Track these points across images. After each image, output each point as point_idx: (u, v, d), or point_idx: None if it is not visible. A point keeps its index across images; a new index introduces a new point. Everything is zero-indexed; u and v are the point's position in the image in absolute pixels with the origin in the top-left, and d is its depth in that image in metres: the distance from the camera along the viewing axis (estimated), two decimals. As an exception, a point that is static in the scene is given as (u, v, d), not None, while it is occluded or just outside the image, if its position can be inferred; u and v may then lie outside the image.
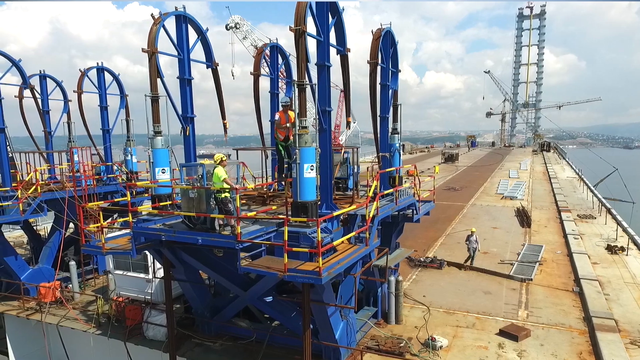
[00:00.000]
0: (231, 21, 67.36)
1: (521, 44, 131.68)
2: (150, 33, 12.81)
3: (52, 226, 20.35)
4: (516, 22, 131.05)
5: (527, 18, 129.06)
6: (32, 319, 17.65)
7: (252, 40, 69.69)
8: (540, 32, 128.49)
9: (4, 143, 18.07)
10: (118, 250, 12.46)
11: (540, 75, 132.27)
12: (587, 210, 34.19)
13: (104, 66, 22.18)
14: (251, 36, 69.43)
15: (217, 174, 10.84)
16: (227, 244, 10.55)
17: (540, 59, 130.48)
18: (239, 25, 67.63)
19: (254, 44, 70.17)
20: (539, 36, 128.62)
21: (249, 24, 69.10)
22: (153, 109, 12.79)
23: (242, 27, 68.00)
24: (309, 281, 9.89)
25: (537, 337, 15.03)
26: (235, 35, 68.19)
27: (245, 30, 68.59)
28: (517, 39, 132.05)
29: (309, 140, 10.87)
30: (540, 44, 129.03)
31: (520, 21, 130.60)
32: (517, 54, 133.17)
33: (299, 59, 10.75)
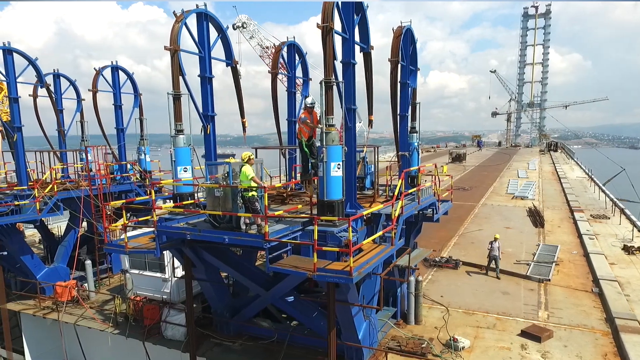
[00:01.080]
0: (238, 20, 67.30)
1: (526, 44, 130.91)
2: (173, 30, 12.72)
3: (67, 225, 20.28)
4: (521, 22, 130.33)
5: (533, 17, 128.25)
6: (48, 318, 17.59)
7: (259, 39, 69.63)
8: (546, 32, 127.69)
9: (22, 142, 18.04)
10: (141, 249, 12.36)
11: (545, 74, 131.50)
12: (600, 210, 33.92)
13: (118, 65, 22.12)
14: (258, 36, 69.34)
15: (245, 172, 10.73)
16: (254, 243, 10.44)
17: (545, 58, 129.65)
18: (246, 24, 67.55)
19: (260, 43, 70.16)
20: (544, 35, 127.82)
21: (256, 24, 69.10)
22: (175, 107, 12.68)
23: (248, 27, 67.94)
24: (340, 281, 9.77)
25: (559, 338, 14.86)
26: (242, 34, 68.18)
27: (252, 30, 68.52)
28: (522, 39, 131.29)
29: (335, 139, 10.75)
30: (545, 44, 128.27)
31: (526, 20, 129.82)
32: (522, 53, 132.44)
33: (327, 57, 10.62)
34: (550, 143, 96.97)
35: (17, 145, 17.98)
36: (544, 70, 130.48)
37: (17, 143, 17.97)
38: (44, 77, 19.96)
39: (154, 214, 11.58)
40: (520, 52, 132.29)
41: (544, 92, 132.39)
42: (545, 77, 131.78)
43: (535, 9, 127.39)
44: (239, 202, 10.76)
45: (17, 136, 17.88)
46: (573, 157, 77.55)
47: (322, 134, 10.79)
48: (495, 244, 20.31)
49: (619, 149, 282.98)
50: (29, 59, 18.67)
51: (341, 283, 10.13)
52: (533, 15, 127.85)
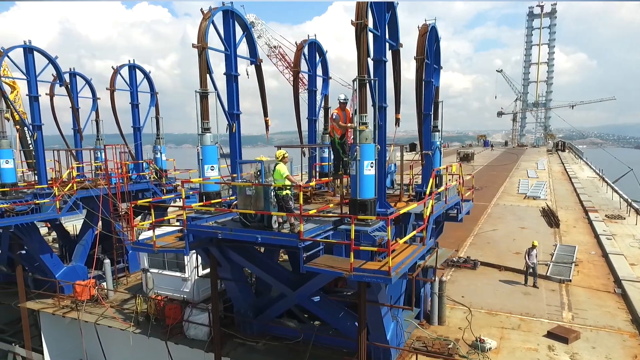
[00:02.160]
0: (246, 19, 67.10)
1: (531, 43, 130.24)
2: (200, 28, 12.64)
3: (83, 224, 20.21)
4: (526, 21, 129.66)
5: (538, 17, 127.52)
6: (68, 317, 17.52)
7: (267, 39, 69.55)
8: (551, 31, 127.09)
9: (41, 141, 17.98)
10: (169, 249, 12.26)
11: (550, 74, 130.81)
12: (615, 211, 33.66)
13: (135, 64, 22.05)
14: (265, 35, 69.26)
15: (280, 170, 10.61)
16: (288, 243, 10.32)
17: (550, 58, 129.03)
18: (254, 24, 67.37)
19: (268, 42, 70.08)
20: (549, 35, 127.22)
21: (263, 23, 69.04)
22: (202, 105, 12.58)
23: (256, 26, 67.82)
24: (378, 281, 9.65)
25: (586, 339, 14.69)
26: (250, 33, 67.94)
27: (259, 29, 68.42)
28: (527, 38, 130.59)
29: (369, 137, 10.63)
30: (550, 43, 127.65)
31: (531, 20, 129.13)
32: (527, 53, 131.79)
33: (361, 54, 10.49)
34: (558, 143, 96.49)
35: (37, 143, 17.92)
36: (549, 69, 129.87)
37: (37, 142, 17.91)
38: (63, 75, 19.89)
39: (184, 213, 11.46)
40: (525, 51, 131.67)
41: (549, 91, 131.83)
42: (551, 76, 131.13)
43: (541, 8, 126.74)
44: (272, 200, 10.64)
45: (37, 135, 17.81)
46: (582, 157, 77.12)
47: (355, 131, 10.66)
48: (534, 252, 19.05)
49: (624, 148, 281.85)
50: (49, 57, 18.61)
51: (379, 283, 10.00)
52: (538, 15, 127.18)
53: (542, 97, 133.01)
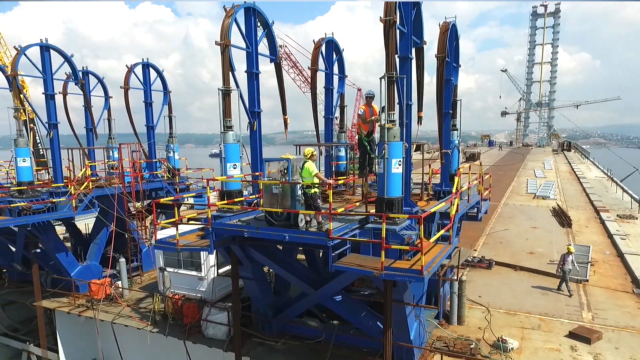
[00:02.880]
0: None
1: (535, 43, 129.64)
2: (223, 25, 12.55)
3: (97, 222, 20.14)
4: (530, 21, 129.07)
5: (541, 16, 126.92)
6: (84, 315, 17.46)
7: (272, 38, 69.18)
8: (555, 31, 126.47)
9: (57, 139, 17.93)
10: (193, 247, 12.18)
11: (554, 74, 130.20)
12: (626, 211, 33.48)
13: (149, 62, 21.98)
14: (271, 34, 68.92)
15: (309, 168, 10.52)
16: (317, 241, 10.24)
17: (554, 57, 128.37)
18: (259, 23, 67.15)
19: (274, 42, 69.73)
20: (553, 35, 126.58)
21: (270, 22, 68.57)
22: (225, 103, 12.49)
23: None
24: (409, 280, 9.56)
25: (609, 340, 14.57)
26: (256, 33, 67.77)
27: (266, 29, 68.14)
28: (531, 38, 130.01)
29: (397, 135, 10.53)
30: (554, 43, 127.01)
31: (534, 19, 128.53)
32: (531, 52, 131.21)
33: (389, 51, 10.39)
34: (564, 143, 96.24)
35: (52, 142, 17.86)
36: (552, 69, 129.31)
37: (52, 140, 17.86)
38: (78, 73, 19.84)
39: (209, 211, 11.38)
40: (529, 51, 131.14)
41: (552, 91, 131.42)
42: (554, 76, 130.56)
43: (545, 7, 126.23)
44: (300, 199, 10.55)
45: (53, 133, 17.76)
46: (588, 157, 76.87)
47: (382, 129, 10.56)
48: (570, 258, 18.36)
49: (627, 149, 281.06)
50: (65, 56, 18.56)
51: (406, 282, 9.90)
52: (542, 14, 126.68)
53: (545, 97, 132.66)
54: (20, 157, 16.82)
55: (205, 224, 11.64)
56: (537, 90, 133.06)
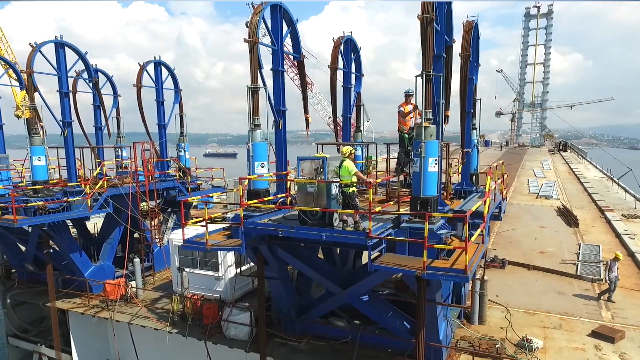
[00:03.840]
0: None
1: (528, 44, 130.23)
2: (251, 23, 12.44)
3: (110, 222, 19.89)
4: (523, 22, 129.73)
5: (534, 17, 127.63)
6: (99, 316, 17.23)
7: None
8: (547, 32, 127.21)
9: (72, 138, 17.68)
10: (223, 247, 12.02)
11: (547, 75, 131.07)
12: (630, 210, 33.71)
13: (160, 60, 21.76)
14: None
15: (348, 167, 10.41)
16: (356, 240, 10.14)
17: (547, 58, 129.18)
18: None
19: (273, 41, 69.45)
20: (545, 36, 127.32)
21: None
22: (253, 101, 12.36)
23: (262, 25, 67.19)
24: (453, 279, 9.51)
25: (632, 339, 14.59)
26: (256, 32, 67.42)
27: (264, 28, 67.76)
28: (524, 39, 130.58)
29: (434, 133, 10.45)
30: (547, 44, 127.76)
31: (527, 20, 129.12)
32: (524, 53, 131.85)
33: (427, 49, 10.30)
34: (560, 143, 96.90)
35: (67, 141, 17.61)
36: (545, 70, 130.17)
37: (67, 139, 17.60)
38: (93, 71, 19.60)
39: (241, 210, 11.23)
40: (522, 52, 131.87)
41: (545, 92, 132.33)
42: (547, 77, 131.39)
43: (537, 9, 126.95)
44: (337, 197, 10.44)
45: (67, 131, 17.51)
46: (585, 157, 77.43)
47: (419, 128, 10.47)
48: (616, 265, 17.60)
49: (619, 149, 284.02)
50: (80, 53, 18.32)
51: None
52: (535, 16, 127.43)
53: (538, 98, 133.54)
54: (35, 156, 16.55)
55: (237, 224, 11.47)
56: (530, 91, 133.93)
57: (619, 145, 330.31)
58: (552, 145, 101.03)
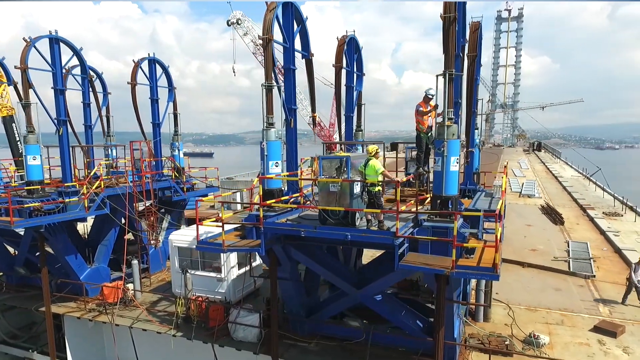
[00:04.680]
0: (232, 17, 65.98)
1: (499, 46, 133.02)
2: (266, 20, 12.25)
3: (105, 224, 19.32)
4: (495, 25, 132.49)
5: (506, 20, 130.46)
6: (97, 320, 16.72)
7: (253, 37, 68.49)
8: (518, 35, 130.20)
9: (67, 136, 17.11)
10: (239, 247, 11.79)
11: (517, 76, 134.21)
12: (610, 208, 34.76)
13: (155, 57, 21.28)
14: (252, 32, 68.24)
15: (375, 166, 10.35)
16: (383, 240, 10.09)
17: (517, 60, 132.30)
18: (240, 21, 66.42)
19: (254, 40, 69.03)
20: (516, 38, 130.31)
21: (250, 20, 67.96)
22: (267, 99, 12.18)
23: (243, 23, 66.85)
24: (483, 277, 9.60)
25: (632, 333, 15.01)
26: (237, 31, 67.03)
27: (246, 27, 67.44)
28: (496, 41, 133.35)
29: (455, 132, 10.51)
30: (517, 46, 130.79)
31: (499, 23, 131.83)
32: (496, 55, 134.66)
33: (449, 48, 10.33)
34: (534, 143, 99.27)
35: (62, 139, 17.01)
36: (516, 72, 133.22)
37: (62, 137, 17.00)
38: (88, 68, 19.00)
39: (261, 211, 11.04)
40: (494, 54, 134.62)
41: (516, 93, 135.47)
42: (518, 79, 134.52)
43: (509, 12, 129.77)
44: (363, 197, 10.37)
45: (62, 130, 16.92)
46: (560, 157, 79.52)
47: (442, 127, 10.50)
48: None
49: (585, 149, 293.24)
50: (75, 49, 17.71)
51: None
52: (506, 19, 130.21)
53: (510, 99, 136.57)
54: (30, 155, 15.92)
55: (256, 224, 11.27)
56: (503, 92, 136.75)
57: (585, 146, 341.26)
58: (526, 145, 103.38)
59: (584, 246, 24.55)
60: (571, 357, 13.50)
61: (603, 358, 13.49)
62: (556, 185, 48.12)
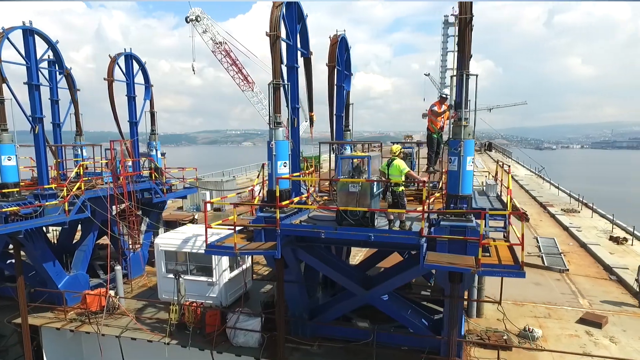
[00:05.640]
0: (191, 13, 64.21)
1: (447, 50, 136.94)
2: (272, 16, 11.94)
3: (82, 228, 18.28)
4: (442, 29, 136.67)
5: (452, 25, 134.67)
6: (80, 331, 15.75)
7: (212, 34, 66.97)
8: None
9: (43, 135, 16.02)
10: (255, 251, 11.42)
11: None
12: (567, 205, 36.62)
13: (132, 53, 20.32)
14: (211, 30, 66.71)
15: (400, 166, 10.29)
16: (407, 240, 10.06)
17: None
18: (200, 18, 64.76)
19: (213, 38, 67.57)
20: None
21: (209, 17, 66.41)
22: (275, 97, 11.90)
23: (202, 20, 65.20)
24: (509, 275, 9.79)
25: (614, 323, 15.82)
26: (195, 28, 65.28)
27: (205, 24, 65.80)
28: (443, 45, 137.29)
29: (471, 132, 10.66)
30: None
31: (446, 28, 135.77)
32: (444, 59, 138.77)
33: (465, 48, 10.48)
34: (485, 143, 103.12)
35: (37, 138, 15.91)
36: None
37: (37, 136, 15.90)
38: (64, 63, 17.85)
39: (278, 212, 10.73)
40: (442, 57, 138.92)
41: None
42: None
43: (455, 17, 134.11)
44: (388, 197, 10.30)
45: (38, 128, 15.83)
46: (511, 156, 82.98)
47: (457, 127, 10.63)
48: None
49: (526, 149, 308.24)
50: (50, 41, 16.61)
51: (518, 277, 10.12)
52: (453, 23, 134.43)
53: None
54: (5, 155, 14.73)
55: (272, 225, 10.94)
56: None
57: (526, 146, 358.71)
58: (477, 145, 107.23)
59: (552, 241, 25.71)
60: (565, 349, 14.04)
61: (594, 348, 14.13)
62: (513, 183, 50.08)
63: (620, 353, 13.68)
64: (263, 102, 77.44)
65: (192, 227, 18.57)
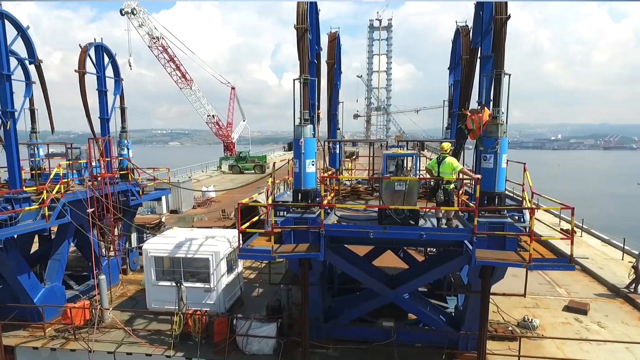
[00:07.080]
0: (127, 6, 60.51)
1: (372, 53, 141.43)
2: (299, 9, 11.49)
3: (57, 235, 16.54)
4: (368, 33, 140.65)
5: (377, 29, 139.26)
6: (66, 349, 14.20)
7: (149, 29, 63.64)
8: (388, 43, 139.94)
9: (15, 132, 14.29)
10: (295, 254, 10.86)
11: (389, 82, 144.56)
12: (513, 201, 38.86)
13: (103, 44, 18.70)
14: (148, 24, 63.33)
15: (452, 164, 10.22)
16: (459, 238, 10.06)
17: (389, 67, 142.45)
18: (136, 11, 61.22)
19: (149, 32, 64.28)
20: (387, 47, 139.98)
21: (146, 11, 62.99)
22: (303, 93, 11.46)
23: (138, 14, 61.70)
24: (559, 269, 10.13)
25: (595, 309, 16.98)
26: (131, 22, 61.62)
27: (142, 18, 62.31)
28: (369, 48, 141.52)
29: (506, 130, 10.91)
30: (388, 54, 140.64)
31: (372, 32, 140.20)
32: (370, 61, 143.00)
33: (501, 47, 10.68)
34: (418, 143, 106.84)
35: (9, 135, 14.15)
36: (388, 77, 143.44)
37: (8, 133, 14.15)
38: (35, 50, 15.98)
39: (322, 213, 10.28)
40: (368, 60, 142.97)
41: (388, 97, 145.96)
42: (390, 84, 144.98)
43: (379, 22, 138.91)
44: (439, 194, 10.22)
45: (10, 124, 14.08)
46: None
47: (494, 125, 10.83)
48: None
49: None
50: (21, 27, 14.81)
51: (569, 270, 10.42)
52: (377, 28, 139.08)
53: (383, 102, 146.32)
54: (-22, 156, 12.94)
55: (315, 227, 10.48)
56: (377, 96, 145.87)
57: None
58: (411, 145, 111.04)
59: (513, 235, 27.13)
60: (563, 336, 14.86)
61: (588, 334, 15.10)
62: (455, 181, 52.47)
63: (611, 337, 14.72)
64: (201, 100, 75.00)
65: (179, 231, 17.51)
